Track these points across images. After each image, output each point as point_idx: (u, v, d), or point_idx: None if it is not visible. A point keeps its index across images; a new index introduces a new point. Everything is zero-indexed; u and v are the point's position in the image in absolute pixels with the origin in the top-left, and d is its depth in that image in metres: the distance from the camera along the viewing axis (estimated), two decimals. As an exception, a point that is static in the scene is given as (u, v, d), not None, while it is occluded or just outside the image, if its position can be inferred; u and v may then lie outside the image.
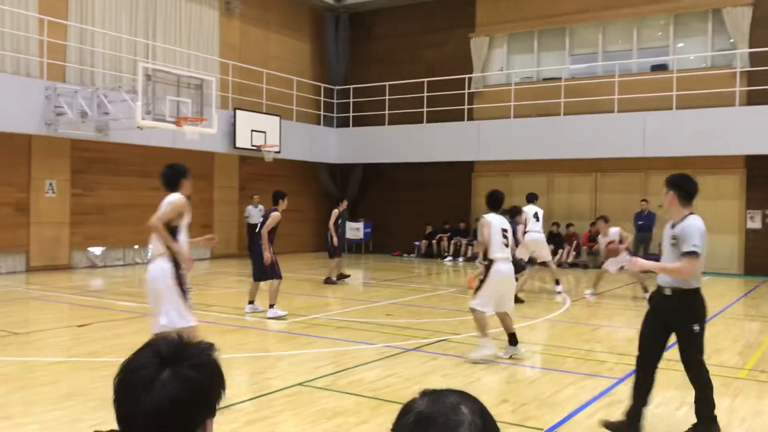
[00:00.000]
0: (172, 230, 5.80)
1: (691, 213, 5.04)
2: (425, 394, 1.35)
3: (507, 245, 7.45)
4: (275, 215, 10.02)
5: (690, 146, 16.54)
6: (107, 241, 16.60)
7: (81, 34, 15.85)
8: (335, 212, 14.08)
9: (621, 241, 12.48)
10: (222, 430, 4.90)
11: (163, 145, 15.93)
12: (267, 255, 9.82)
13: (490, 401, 5.82)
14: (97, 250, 16.54)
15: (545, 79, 20.03)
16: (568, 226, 19.09)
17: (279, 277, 9.95)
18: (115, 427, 1.46)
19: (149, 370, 1.43)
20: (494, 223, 7.44)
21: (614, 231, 12.93)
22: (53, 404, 5.46)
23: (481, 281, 7.46)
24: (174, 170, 6.07)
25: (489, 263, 7.36)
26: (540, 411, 5.62)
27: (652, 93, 17.44)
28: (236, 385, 6.31)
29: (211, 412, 1.50)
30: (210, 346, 1.54)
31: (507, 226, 7.61)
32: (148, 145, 15.74)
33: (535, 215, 12.82)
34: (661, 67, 18.69)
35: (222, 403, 4.95)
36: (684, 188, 5.10)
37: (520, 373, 6.99)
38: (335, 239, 13.95)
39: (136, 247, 10.56)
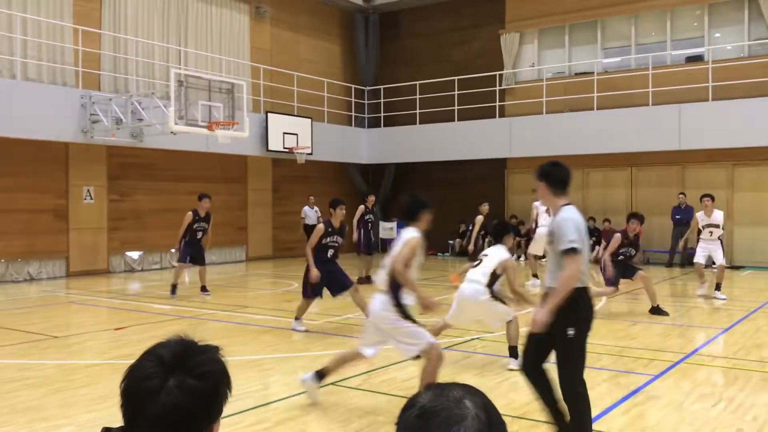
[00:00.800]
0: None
1: (568, 204, 4.45)
2: (429, 387, 1.34)
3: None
4: (318, 228, 8.83)
5: (727, 138, 16.21)
6: (144, 246, 16.88)
7: (114, 42, 16.14)
8: (361, 208, 14.02)
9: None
10: (254, 429, 4.95)
11: (196, 149, 16.15)
12: (314, 272, 8.57)
13: (520, 399, 5.79)
14: (134, 255, 16.83)
15: (577, 74, 19.80)
16: (605, 221, 18.83)
17: (309, 296, 8.89)
18: None
19: (153, 381, 1.45)
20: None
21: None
22: (89, 406, 5.57)
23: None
24: (415, 201, 5.50)
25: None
26: (573, 408, 5.54)
27: (688, 85, 17.12)
28: (269, 384, 6.36)
29: (216, 416, 1.52)
30: (215, 351, 1.55)
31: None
32: (181, 149, 15.97)
33: (547, 210, 12.65)
34: (697, 58, 18.34)
35: (257, 402, 5.00)
36: (554, 176, 4.49)
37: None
38: (354, 235, 13.87)
39: (173, 250, 10.79)
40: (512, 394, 6.02)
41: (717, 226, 12.03)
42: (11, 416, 5.25)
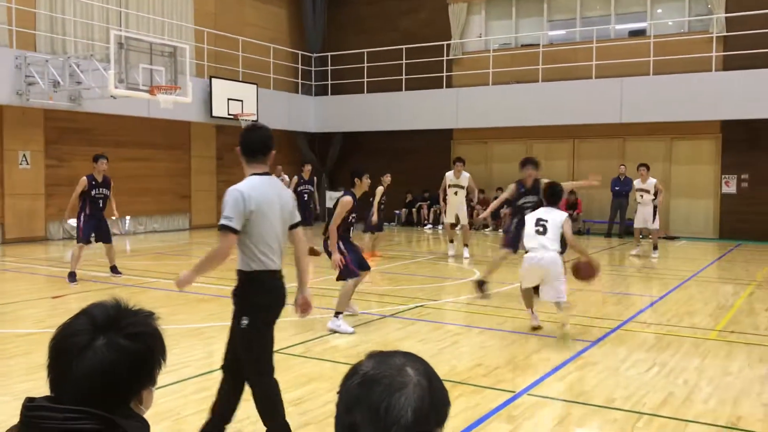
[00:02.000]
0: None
1: (255, 174, 3.96)
2: (371, 356, 1.34)
3: None
4: (345, 201, 7.32)
5: (666, 112, 16.62)
6: (83, 213, 16.39)
7: (51, 1, 15.48)
8: (380, 189, 13.46)
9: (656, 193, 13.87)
10: (197, 397, 4.92)
11: (137, 114, 15.72)
12: (336, 256, 7.24)
13: (463, 365, 5.90)
14: (72, 222, 16.34)
15: (523, 46, 19.94)
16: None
17: (354, 275, 7.47)
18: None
19: (83, 337, 1.40)
20: None
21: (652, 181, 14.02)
22: (25, 375, 5.44)
23: None
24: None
25: None
26: (513, 374, 5.69)
27: (630, 59, 17.43)
28: (212, 353, 6.31)
29: (149, 381, 1.47)
30: (149, 315, 1.51)
31: None
32: (122, 114, 15.52)
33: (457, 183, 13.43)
34: (639, 33, 18.66)
35: (198, 371, 4.93)
36: (244, 143, 4.00)
37: (494, 337, 7.05)
38: (375, 217, 13.35)
39: (114, 218, 10.54)
40: (454, 361, 6.12)
41: (647, 192, 13.82)
42: (-58, 386, 5.10)
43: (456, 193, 13.41)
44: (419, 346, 6.50)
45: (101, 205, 10.39)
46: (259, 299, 3.89)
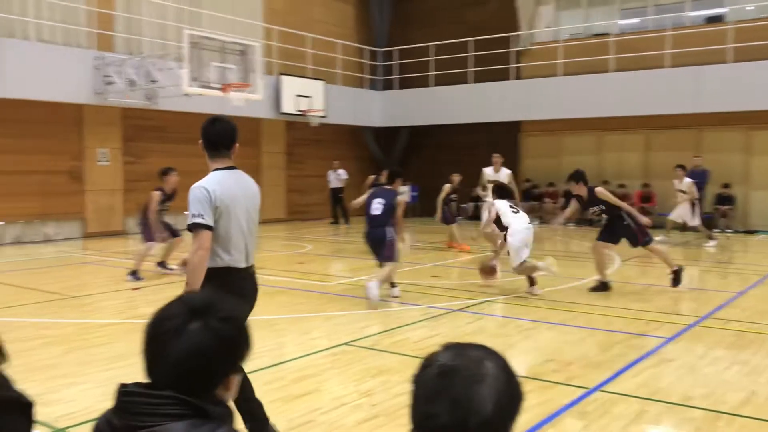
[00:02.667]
0: None
1: (218, 169, 3.84)
2: (448, 347, 1.35)
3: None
4: (401, 199, 8.70)
5: (745, 101, 15.96)
6: (159, 208, 16.93)
7: (128, 2, 16.02)
8: (447, 187, 13.62)
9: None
10: (270, 387, 5.01)
11: (209, 111, 15.93)
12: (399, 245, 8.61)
13: (533, 361, 5.83)
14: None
15: (595, 35, 19.49)
16: (620, 186, 18.69)
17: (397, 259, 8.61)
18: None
19: (178, 320, 1.45)
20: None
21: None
22: (107, 364, 5.66)
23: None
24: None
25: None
26: (585, 369, 5.58)
27: (706, 47, 16.81)
28: (284, 344, 6.43)
29: (236, 367, 1.51)
30: (239, 302, 1.57)
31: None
32: (195, 112, 15.93)
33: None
34: (716, 19, 17.97)
35: (272, 362, 5.02)
36: (206, 136, 3.88)
37: (565, 333, 6.94)
38: (439, 212, 13.51)
39: (186, 213, 11.02)
40: (525, 356, 6.05)
41: (684, 192, 14.57)
42: (29, 374, 5.34)
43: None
44: (489, 340, 6.45)
45: (164, 217, 10.66)
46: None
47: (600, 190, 8.95)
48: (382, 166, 15.42)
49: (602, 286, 8.96)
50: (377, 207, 8.43)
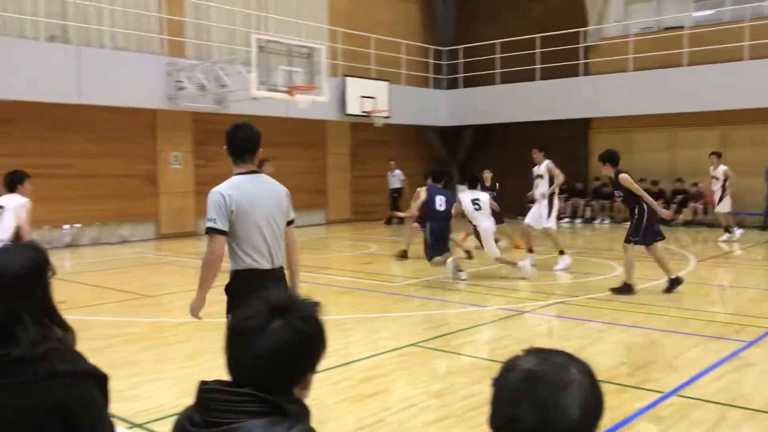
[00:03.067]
0: None
1: (240, 173, 3.90)
2: (531, 352, 1.35)
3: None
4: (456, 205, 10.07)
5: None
6: (229, 209, 17.32)
7: (197, 9, 16.44)
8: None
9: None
10: (339, 387, 5.05)
11: (277, 114, 16.35)
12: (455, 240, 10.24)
13: (606, 363, 5.69)
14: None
15: (667, 29, 18.90)
16: (693, 184, 18.07)
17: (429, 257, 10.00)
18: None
19: (260, 318, 1.48)
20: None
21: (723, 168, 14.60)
22: (182, 362, 5.81)
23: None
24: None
25: None
26: (661, 373, 5.42)
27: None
28: (351, 344, 6.46)
29: (314, 366, 1.54)
30: (317, 303, 1.58)
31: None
32: (262, 115, 16.21)
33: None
34: (798, 8, 17.18)
35: (341, 361, 5.07)
36: (230, 141, 3.92)
37: (639, 334, 6.75)
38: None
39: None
40: (597, 359, 5.91)
41: (717, 179, 14.65)
42: (112, 370, 5.49)
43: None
44: (560, 342, 6.34)
45: None
46: (243, 299, 3.81)
47: (624, 177, 8.45)
48: (445, 166, 15.35)
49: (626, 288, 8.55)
50: (441, 203, 9.67)
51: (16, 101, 13.02)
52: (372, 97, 18.44)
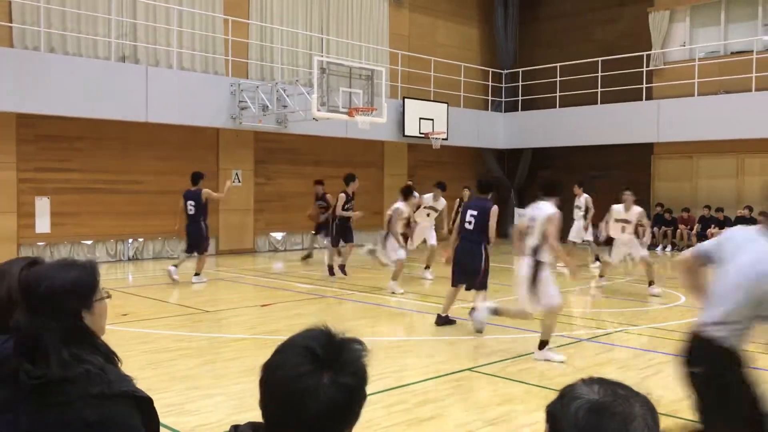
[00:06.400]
0: None
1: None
2: (592, 382, 1.33)
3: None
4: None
5: None
6: (287, 227, 17.58)
7: (261, 31, 16.82)
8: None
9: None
10: (394, 410, 5.02)
11: (336, 135, 16.55)
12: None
13: (669, 396, 5.50)
14: (278, 235, 17.58)
15: (734, 53, 18.44)
16: (761, 214, 17.46)
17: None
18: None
19: (310, 380, 1.38)
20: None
21: None
22: (238, 378, 5.87)
23: None
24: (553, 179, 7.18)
25: None
26: (727, 410, 5.21)
27: None
28: (407, 366, 6.43)
29: (359, 415, 1.46)
30: (362, 345, 1.48)
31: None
32: (322, 135, 16.43)
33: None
34: None
35: (397, 383, 5.02)
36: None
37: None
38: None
39: (313, 232, 11.59)
40: (659, 391, 5.73)
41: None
42: (170, 383, 5.64)
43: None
44: (619, 373, 6.17)
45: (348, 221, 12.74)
46: None
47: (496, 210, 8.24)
48: (502, 188, 15.22)
49: None
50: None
51: (89, 119, 13.52)
52: (430, 119, 18.48)
